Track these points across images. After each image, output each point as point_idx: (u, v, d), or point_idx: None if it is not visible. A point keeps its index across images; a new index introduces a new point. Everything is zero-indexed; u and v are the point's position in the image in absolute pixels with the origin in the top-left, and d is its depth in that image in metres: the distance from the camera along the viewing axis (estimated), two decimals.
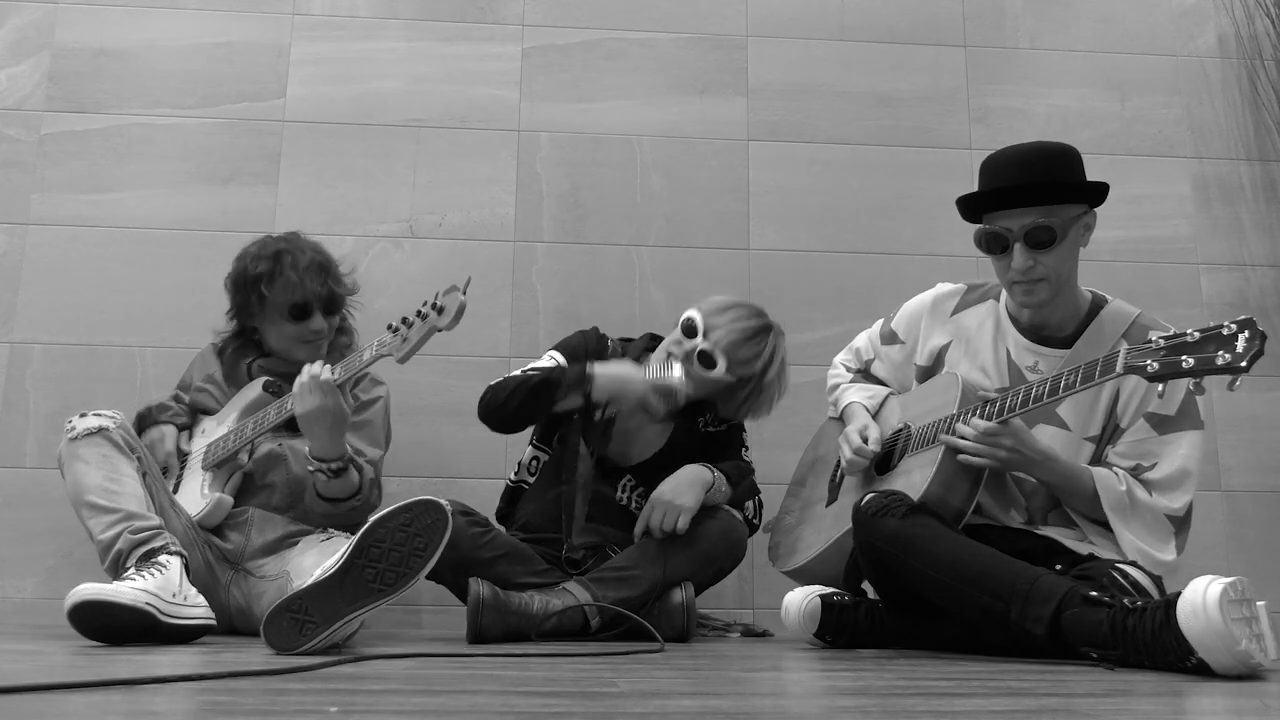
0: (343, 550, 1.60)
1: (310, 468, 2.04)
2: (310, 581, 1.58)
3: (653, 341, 2.35)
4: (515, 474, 2.34)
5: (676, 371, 2.09)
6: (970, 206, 1.88)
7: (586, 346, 2.31)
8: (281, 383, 2.19)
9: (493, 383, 2.21)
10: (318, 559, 1.91)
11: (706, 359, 2.19)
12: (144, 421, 2.25)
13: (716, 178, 2.82)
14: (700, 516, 2.12)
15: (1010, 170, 1.84)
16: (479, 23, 2.87)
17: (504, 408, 2.16)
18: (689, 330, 2.22)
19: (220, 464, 2.14)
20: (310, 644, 1.55)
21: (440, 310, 1.91)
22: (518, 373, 2.21)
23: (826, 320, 2.74)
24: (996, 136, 2.87)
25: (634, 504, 2.27)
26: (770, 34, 2.92)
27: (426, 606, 2.41)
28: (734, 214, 2.81)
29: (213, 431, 2.22)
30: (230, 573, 2.09)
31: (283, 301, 2.18)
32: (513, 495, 2.32)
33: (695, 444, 2.29)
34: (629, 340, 2.37)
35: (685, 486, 2.11)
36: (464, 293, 1.88)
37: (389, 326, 1.96)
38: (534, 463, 2.33)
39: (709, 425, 2.31)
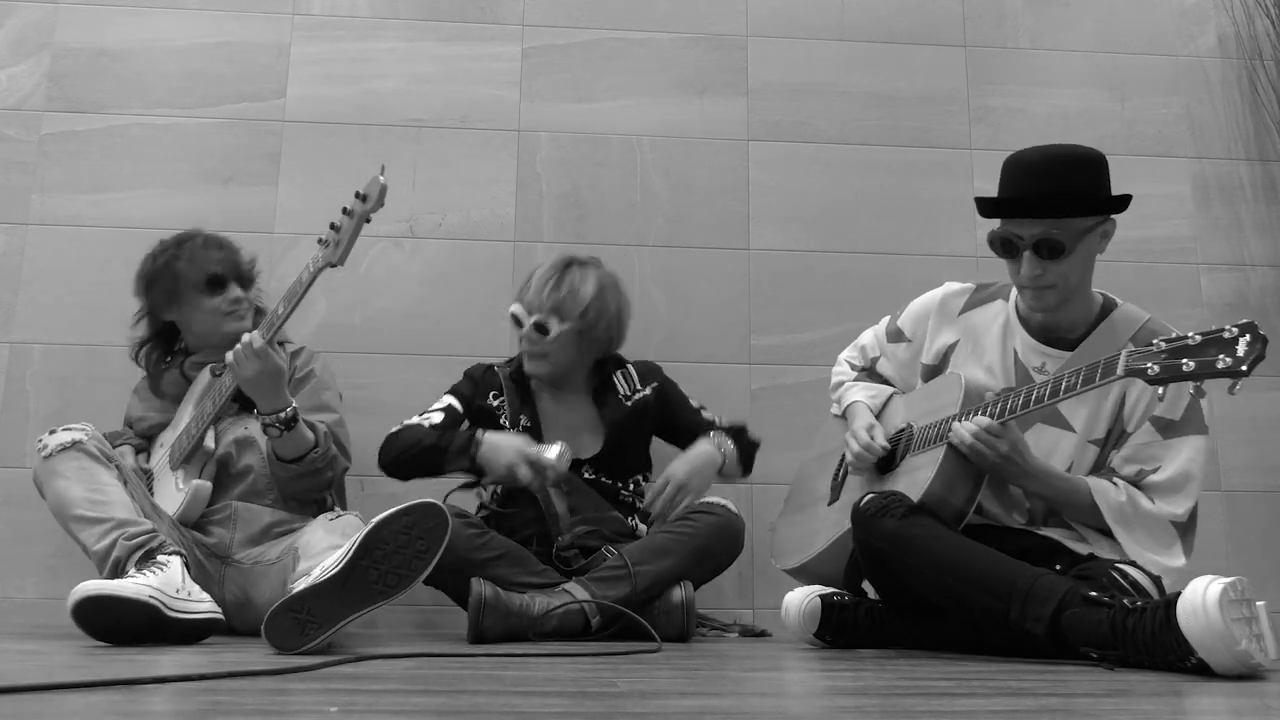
0: (345, 550, 1.60)
1: (263, 426, 2.04)
2: (312, 582, 1.58)
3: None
4: (481, 510, 2.35)
5: (552, 451, 2.12)
6: (987, 206, 1.87)
7: (475, 390, 2.39)
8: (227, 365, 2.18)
9: (392, 430, 2.30)
10: (326, 536, 1.90)
11: (539, 327, 2.29)
12: None
13: (716, 178, 2.82)
14: (697, 511, 2.18)
15: (1025, 177, 1.81)
16: (479, 23, 2.87)
17: (396, 465, 2.27)
18: (516, 321, 2.32)
19: (189, 457, 2.13)
20: (311, 644, 1.55)
21: (365, 198, 1.94)
22: (415, 420, 2.30)
23: (826, 320, 2.74)
24: (997, 136, 2.87)
25: (602, 479, 2.33)
26: (770, 34, 2.92)
27: (426, 606, 2.41)
28: (734, 214, 2.81)
29: (170, 438, 2.22)
30: (222, 568, 2.08)
31: (197, 276, 2.21)
32: (485, 523, 2.30)
33: (631, 419, 2.36)
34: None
35: (700, 469, 2.25)
36: (382, 175, 1.93)
37: (319, 240, 1.98)
38: (496, 489, 2.34)
39: (628, 398, 2.38)
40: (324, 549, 1.81)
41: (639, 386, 2.41)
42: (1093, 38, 2.97)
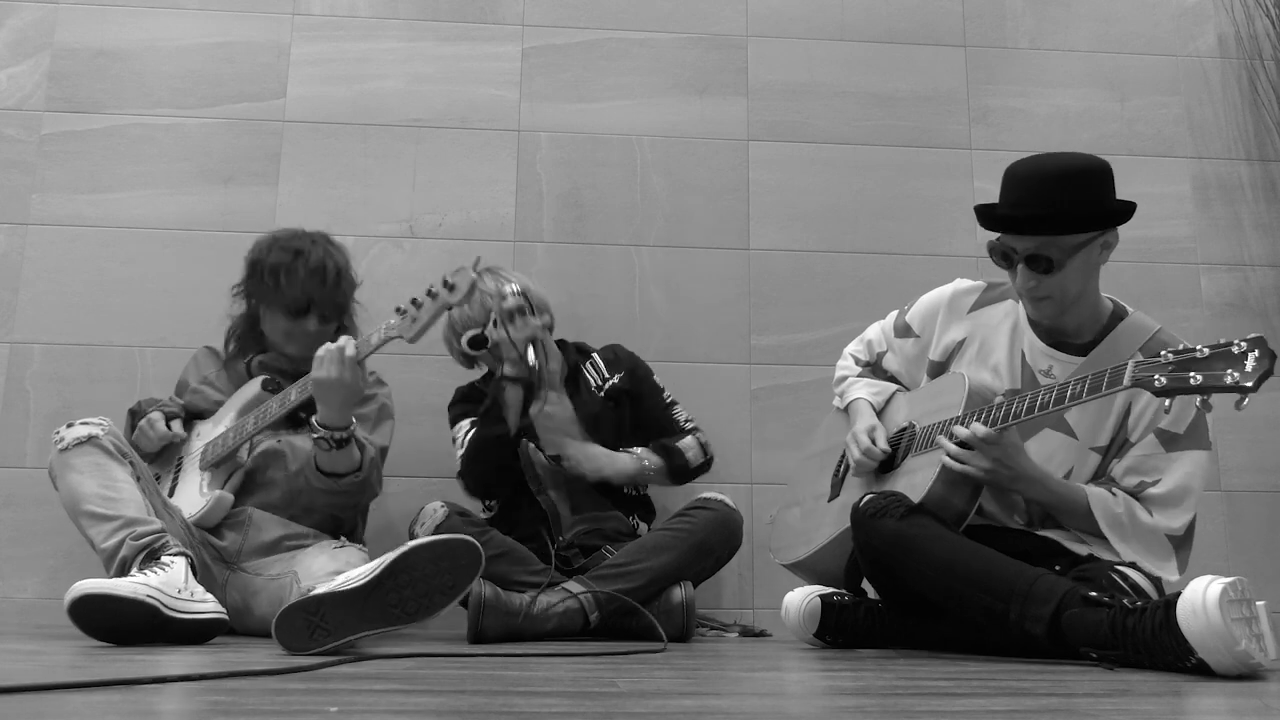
0: (374, 566, 1.60)
1: (315, 435, 2.02)
2: (334, 588, 1.58)
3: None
4: (485, 511, 2.38)
5: (505, 289, 2.24)
6: (985, 218, 1.84)
7: (476, 402, 2.37)
8: (280, 380, 2.19)
9: (461, 456, 2.31)
10: (329, 564, 1.90)
11: (476, 341, 2.34)
12: (135, 417, 2.25)
13: (716, 178, 2.82)
14: (694, 507, 2.20)
15: (1021, 192, 1.78)
16: (479, 23, 2.87)
17: (476, 478, 2.28)
18: (478, 344, 2.34)
19: (219, 463, 2.13)
20: (316, 649, 1.55)
21: (452, 288, 1.91)
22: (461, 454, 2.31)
23: (826, 320, 2.74)
24: (997, 136, 2.87)
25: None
26: (770, 34, 2.92)
27: None
28: (734, 214, 2.81)
29: (209, 433, 2.21)
30: (227, 572, 2.08)
31: (284, 297, 2.19)
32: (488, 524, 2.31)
33: (607, 409, 2.37)
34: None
35: (594, 457, 2.28)
36: (475, 271, 1.92)
37: (397, 309, 1.97)
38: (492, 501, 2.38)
39: (599, 388, 2.39)
40: (324, 574, 1.81)
41: (608, 375, 2.42)
42: (1093, 38, 2.97)
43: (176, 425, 2.21)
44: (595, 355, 2.47)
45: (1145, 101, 2.94)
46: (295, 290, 2.19)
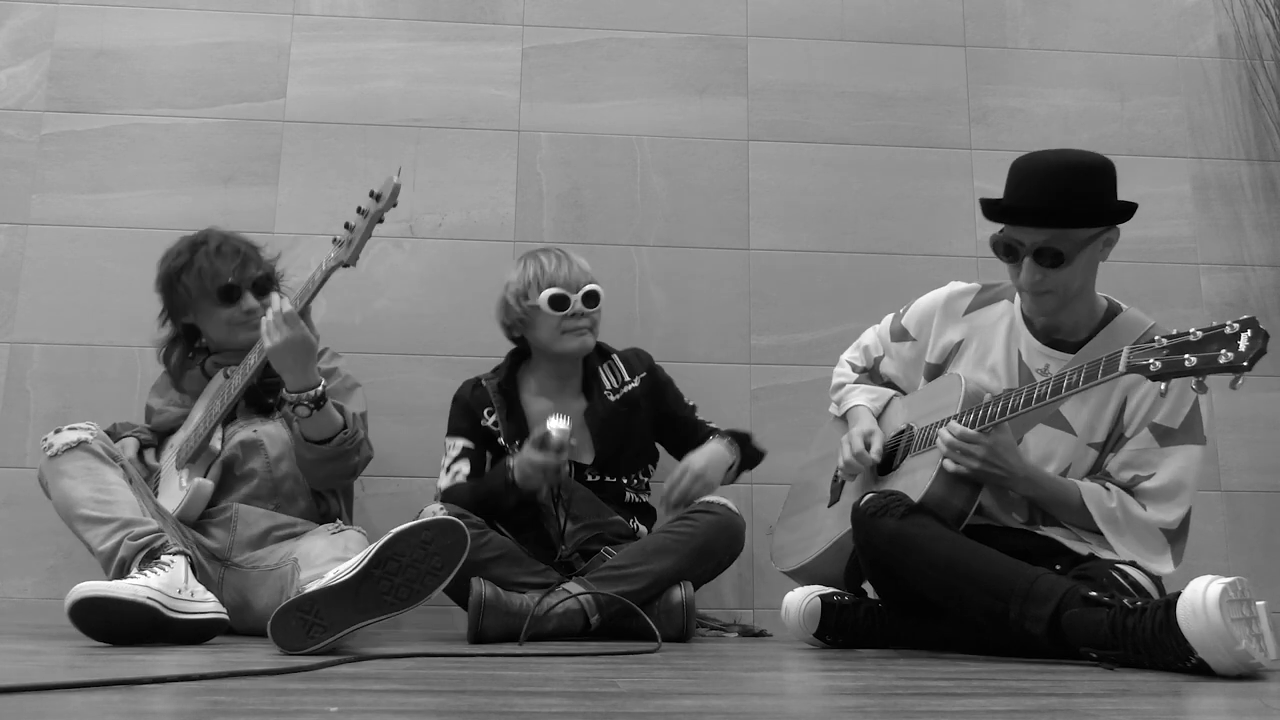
0: (361, 558, 1.60)
1: (293, 406, 2.01)
2: (324, 584, 1.58)
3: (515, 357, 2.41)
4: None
5: (554, 426, 2.11)
6: (991, 209, 1.85)
7: (472, 417, 2.33)
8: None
9: (445, 487, 2.27)
10: (328, 548, 1.90)
11: (593, 295, 2.31)
12: (111, 438, 2.25)
13: (716, 178, 2.82)
14: (696, 511, 2.18)
15: (1031, 184, 1.79)
16: (479, 23, 2.87)
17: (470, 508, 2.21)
18: (558, 303, 2.28)
19: (194, 457, 2.13)
20: (315, 647, 1.55)
21: (378, 197, 1.96)
22: (447, 483, 2.26)
23: (826, 320, 2.74)
24: (996, 136, 2.87)
25: (606, 479, 2.32)
26: (770, 34, 2.91)
27: (426, 606, 2.41)
28: (734, 214, 2.80)
29: (180, 439, 2.22)
30: (221, 570, 2.08)
31: (209, 288, 2.18)
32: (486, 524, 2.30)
33: (620, 415, 2.32)
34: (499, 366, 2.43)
35: (715, 464, 2.26)
36: (397, 176, 1.97)
37: (334, 240, 1.99)
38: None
39: (614, 391, 2.35)
40: (326, 560, 1.81)
41: (626, 378, 2.38)
42: (1093, 38, 2.97)
43: (149, 456, 2.22)
44: (615, 356, 2.43)
45: (1145, 101, 2.94)
46: (214, 279, 2.17)
